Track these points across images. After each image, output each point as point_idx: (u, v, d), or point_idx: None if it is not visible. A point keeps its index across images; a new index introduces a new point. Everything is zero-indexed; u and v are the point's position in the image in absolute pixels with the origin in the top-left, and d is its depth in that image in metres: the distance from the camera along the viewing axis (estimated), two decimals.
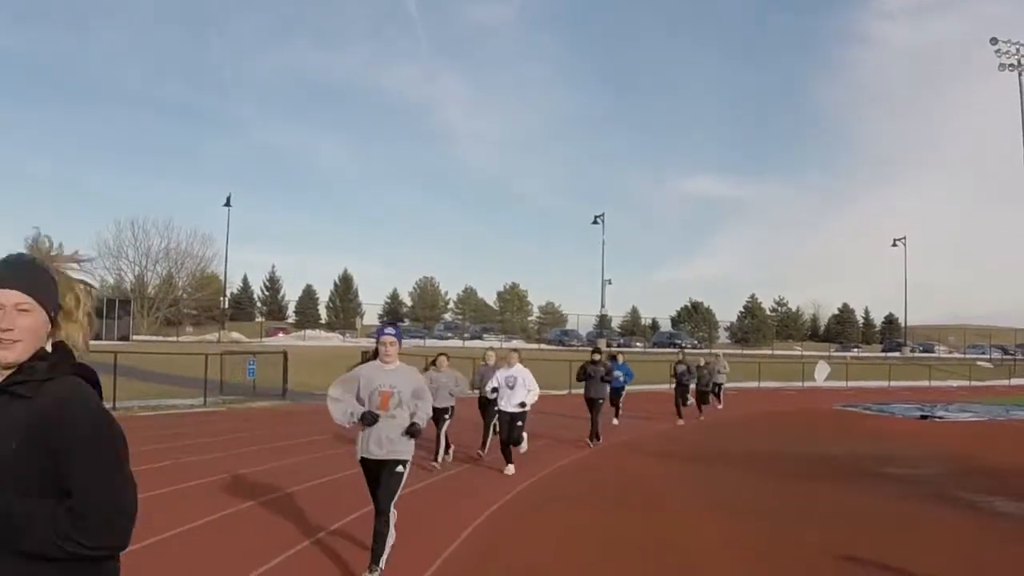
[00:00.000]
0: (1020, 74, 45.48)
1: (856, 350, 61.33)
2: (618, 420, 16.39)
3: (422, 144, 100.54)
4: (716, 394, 20.61)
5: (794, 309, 77.41)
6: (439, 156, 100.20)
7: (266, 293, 70.72)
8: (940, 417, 20.17)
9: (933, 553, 6.09)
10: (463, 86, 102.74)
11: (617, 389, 16.14)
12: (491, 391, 10.02)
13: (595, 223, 52.38)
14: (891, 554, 5.87)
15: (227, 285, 56.36)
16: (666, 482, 9.56)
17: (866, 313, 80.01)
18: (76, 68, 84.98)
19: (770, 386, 33.84)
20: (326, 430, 11.18)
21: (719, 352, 29.59)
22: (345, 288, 69.60)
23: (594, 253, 51.90)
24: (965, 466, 11.20)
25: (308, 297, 68.07)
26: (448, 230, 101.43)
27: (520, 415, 9.82)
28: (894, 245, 58.43)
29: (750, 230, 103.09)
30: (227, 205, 48.44)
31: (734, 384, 32.86)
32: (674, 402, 17.46)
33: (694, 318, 68.24)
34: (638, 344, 56.16)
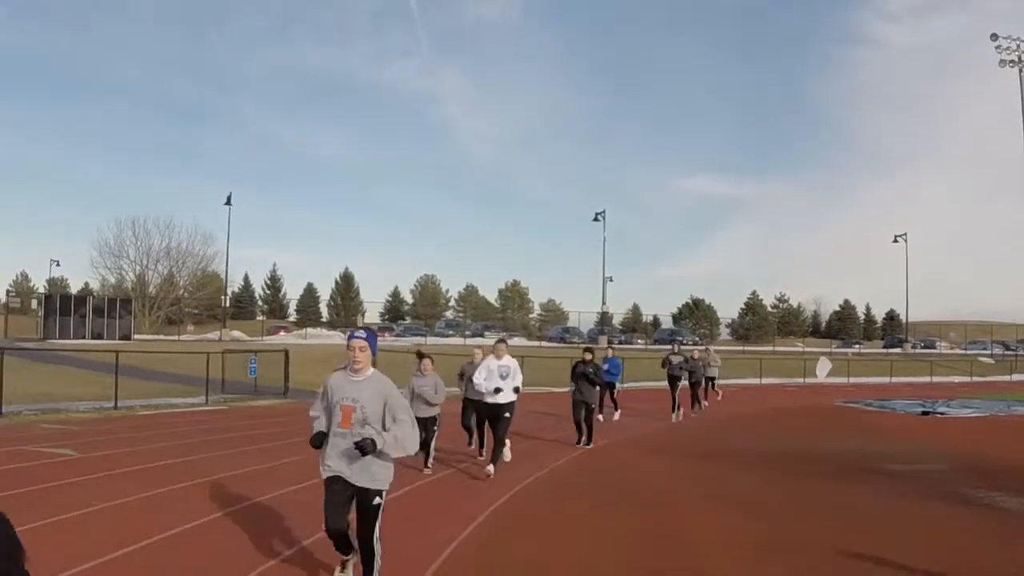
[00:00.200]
0: (1021, 70, 45.37)
1: (857, 346, 61.29)
2: (619, 414, 16.37)
3: (423, 142, 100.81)
4: (710, 387, 20.39)
5: (795, 306, 77.44)
6: (440, 154, 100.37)
7: (267, 291, 70.80)
8: (941, 413, 20.16)
9: (933, 549, 6.09)
10: (464, 84, 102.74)
11: (610, 384, 16.01)
12: (487, 387, 9.16)
13: (596, 220, 52.49)
14: (891, 550, 5.86)
15: (228, 284, 56.42)
16: (668, 478, 9.56)
17: (867, 309, 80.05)
18: (76, 67, 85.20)
19: (771, 383, 33.86)
20: None
21: (710, 346, 29.52)
22: (346, 286, 69.64)
23: (595, 250, 52.03)
24: (966, 462, 11.19)
25: (309, 295, 68.11)
26: (449, 228, 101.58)
27: (509, 406, 9.25)
28: (895, 241, 58.35)
29: (752, 227, 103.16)
30: (228, 204, 48.43)
31: (736, 380, 32.97)
32: (671, 397, 17.28)
33: (695, 315, 68.23)
34: (639, 341, 56.17)
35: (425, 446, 8.89)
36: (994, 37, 45.38)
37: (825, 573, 5.52)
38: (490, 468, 9.00)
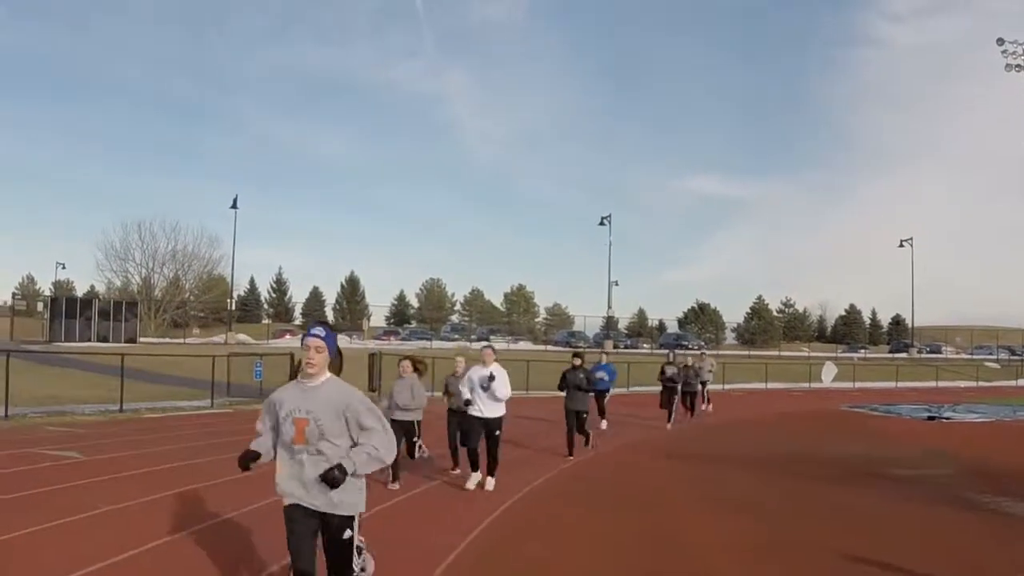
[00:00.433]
0: None
1: (863, 351, 61.16)
2: (606, 423, 15.44)
3: (429, 145, 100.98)
4: (701, 394, 19.74)
5: (801, 310, 77.35)
6: (445, 157, 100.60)
7: (273, 295, 71.04)
8: (947, 418, 20.08)
9: (935, 552, 6.07)
10: (470, 84, 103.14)
11: (602, 391, 15.42)
12: (465, 402, 8.47)
13: (602, 224, 52.55)
14: (894, 554, 5.85)
15: (234, 287, 56.59)
16: (669, 481, 9.53)
17: (873, 314, 79.97)
18: (76, 67, 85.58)
19: (777, 387, 33.79)
20: None
21: (705, 352, 29.46)
22: (352, 290, 69.83)
23: (601, 254, 52.49)
24: (972, 467, 11.15)
25: (315, 299, 68.40)
26: (454, 229, 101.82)
27: (498, 421, 8.51)
28: (901, 246, 58.23)
29: (757, 231, 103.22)
30: (234, 207, 48.56)
31: (741, 385, 32.94)
32: (660, 405, 17.00)
33: (701, 319, 68.21)
34: (645, 345, 56.15)
35: (402, 454, 8.02)
36: (1000, 42, 45.17)
37: (824, 575, 5.53)
38: (490, 481, 8.43)
